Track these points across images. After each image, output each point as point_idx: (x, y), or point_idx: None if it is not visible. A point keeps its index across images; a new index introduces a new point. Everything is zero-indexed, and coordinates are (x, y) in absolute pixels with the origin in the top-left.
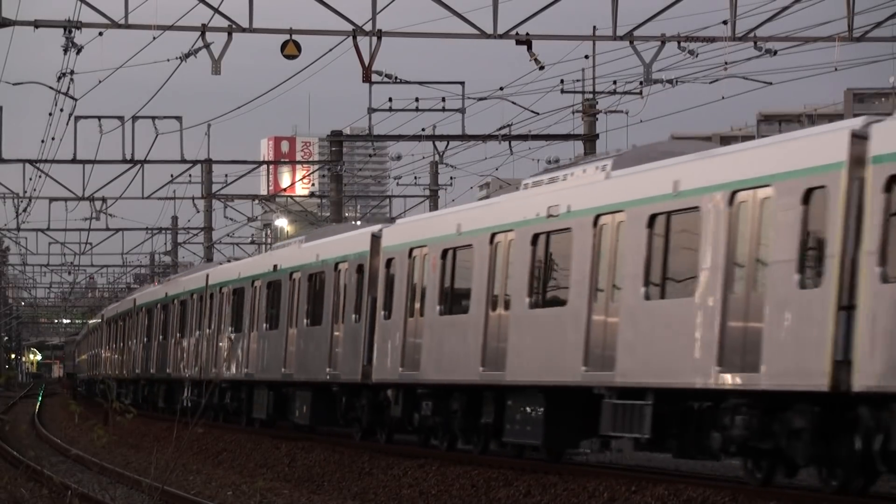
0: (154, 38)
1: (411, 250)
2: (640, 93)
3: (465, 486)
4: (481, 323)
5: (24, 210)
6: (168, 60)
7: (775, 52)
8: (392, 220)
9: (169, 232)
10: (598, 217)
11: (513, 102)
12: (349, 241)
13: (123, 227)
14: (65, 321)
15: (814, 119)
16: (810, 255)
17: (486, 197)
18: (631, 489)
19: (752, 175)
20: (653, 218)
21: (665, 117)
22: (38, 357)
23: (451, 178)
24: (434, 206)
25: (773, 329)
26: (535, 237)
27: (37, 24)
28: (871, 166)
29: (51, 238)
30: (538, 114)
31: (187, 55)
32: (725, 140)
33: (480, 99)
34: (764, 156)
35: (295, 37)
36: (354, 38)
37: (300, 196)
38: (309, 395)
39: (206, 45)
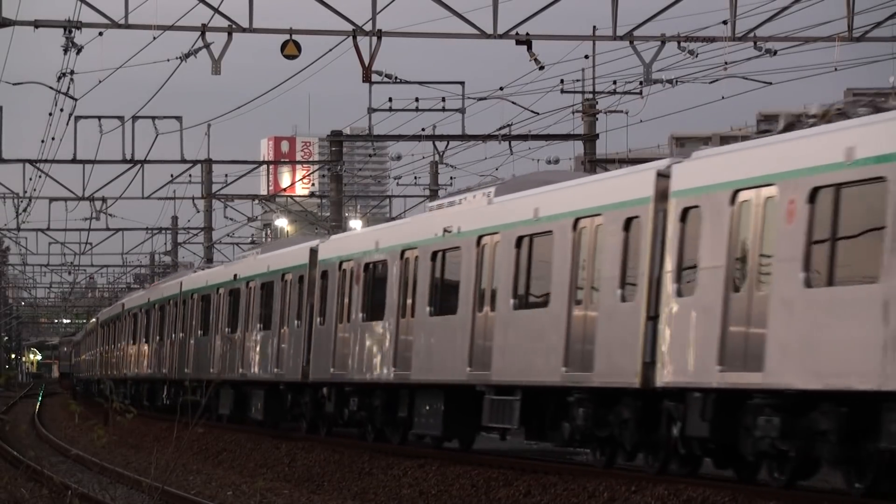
0: (154, 38)
1: (341, 263)
2: (640, 93)
3: (465, 486)
4: (393, 328)
5: (24, 210)
6: (168, 60)
7: (775, 52)
8: (392, 218)
9: (169, 232)
10: (480, 237)
11: (513, 102)
12: (293, 254)
13: (123, 227)
14: (65, 321)
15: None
16: (629, 274)
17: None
18: (631, 489)
19: (588, 205)
20: (519, 239)
21: (665, 117)
22: (38, 357)
23: (451, 178)
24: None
25: (603, 335)
26: (434, 254)
27: (37, 24)
28: (671, 200)
29: (51, 238)
30: (538, 114)
31: (187, 55)
32: (725, 140)
33: (480, 99)
34: (597, 189)
35: (295, 37)
36: (354, 38)
37: (300, 196)
38: (262, 393)
39: (206, 45)
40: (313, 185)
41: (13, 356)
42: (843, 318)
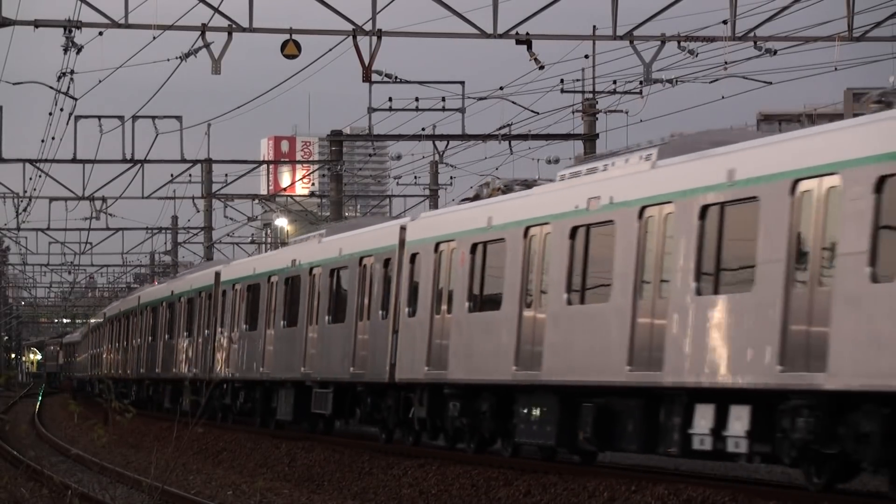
0: (154, 38)
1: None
2: (640, 92)
3: (465, 486)
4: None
5: (24, 210)
6: (168, 60)
7: (775, 52)
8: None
9: (169, 232)
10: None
11: (513, 102)
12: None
13: (123, 227)
14: (65, 321)
15: (814, 119)
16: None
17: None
18: (631, 489)
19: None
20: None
21: (665, 117)
22: (39, 357)
23: (451, 177)
24: (434, 206)
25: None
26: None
27: (37, 24)
28: (405, 247)
29: (51, 238)
30: (538, 113)
31: (187, 55)
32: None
33: (480, 99)
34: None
35: (295, 36)
36: (354, 37)
37: (300, 196)
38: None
39: (206, 45)
40: (313, 184)
41: (13, 356)
42: None
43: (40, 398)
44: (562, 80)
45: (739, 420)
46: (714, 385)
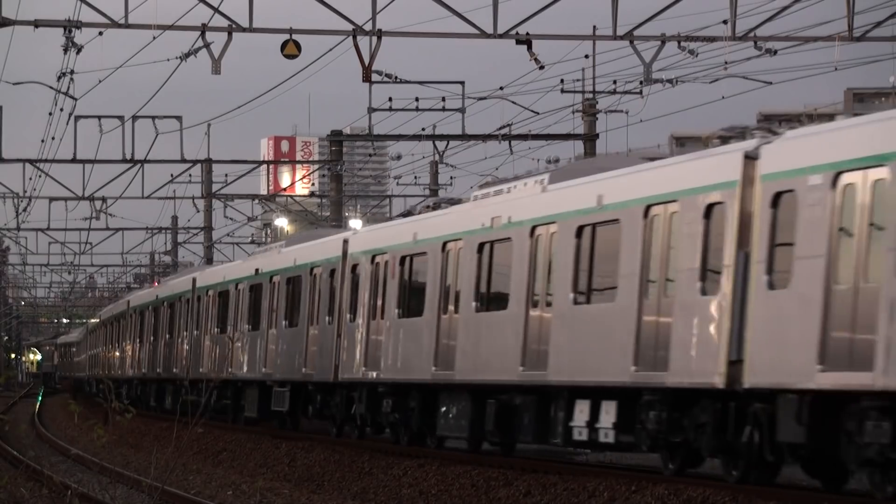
0: (154, 38)
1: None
2: (640, 92)
3: (465, 486)
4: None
5: (24, 210)
6: (168, 60)
7: (775, 52)
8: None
9: (169, 232)
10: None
11: (513, 102)
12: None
13: (123, 227)
14: (65, 321)
15: (814, 119)
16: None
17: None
18: (631, 489)
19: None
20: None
21: (665, 117)
22: (39, 357)
23: (451, 177)
24: (434, 207)
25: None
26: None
27: (37, 24)
28: (348, 258)
29: (51, 238)
30: (538, 113)
31: (187, 55)
32: (726, 140)
33: (480, 99)
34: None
35: (295, 37)
36: (354, 37)
37: (300, 196)
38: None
39: (206, 45)
40: (313, 184)
41: (13, 356)
42: None
43: (40, 398)
44: (562, 80)
45: (608, 414)
46: (587, 383)
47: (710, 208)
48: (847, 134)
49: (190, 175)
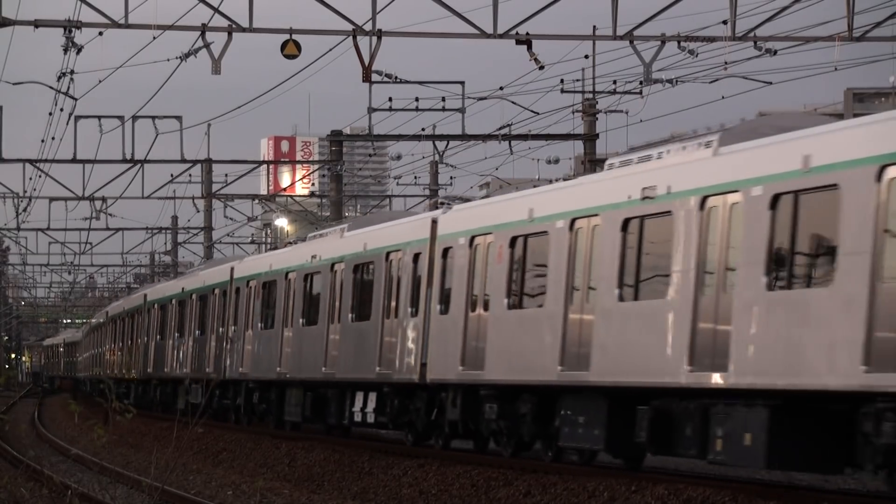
0: (154, 38)
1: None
2: (640, 93)
3: (465, 486)
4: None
5: (24, 210)
6: (168, 60)
7: (775, 52)
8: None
9: (169, 232)
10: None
11: (513, 102)
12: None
13: (123, 227)
14: (65, 321)
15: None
16: None
17: (486, 196)
18: (631, 489)
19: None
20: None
21: (665, 117)
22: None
23: (451, 177)
24: (434, 206)
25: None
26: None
27: (37, 24)
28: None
29: (51, 238)
30: (538, 114)
31: (187, 55)
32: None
33: (480, 99)
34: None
35: (295, 37)
36: (354, 37)
37: (300, 196)
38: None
39: (206, 45)
40: (313, 184)
41: (13, 356)
42: None
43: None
44: (562, 80)
45: (371, 402)
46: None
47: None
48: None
49: (190, 175)
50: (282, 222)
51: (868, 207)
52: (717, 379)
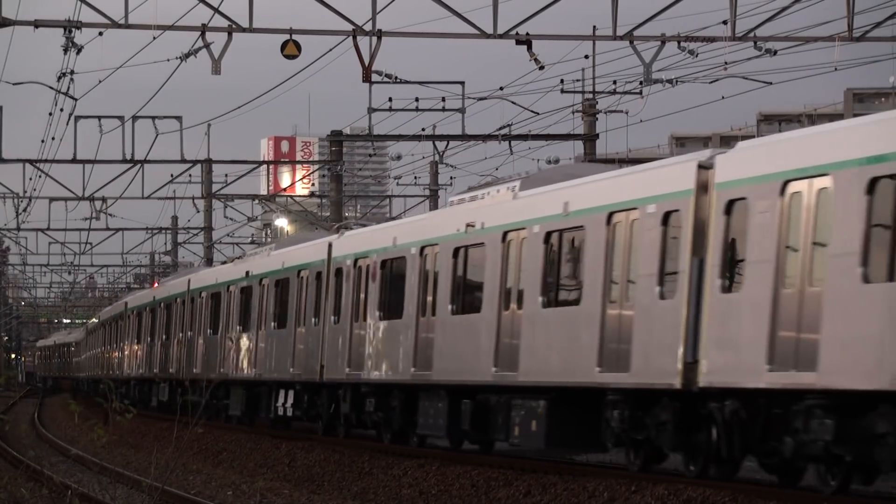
0: (154, 38)
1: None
2: (640, 93)
3: (465, 486)
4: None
5: (24, 210)
6: (168, 60)
7: (775, 52)
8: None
9: (169, 232)
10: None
11: (513, 102)
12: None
13: (123, 227)
14: (65, 321)
15: (814, 119)
16: None
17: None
18: (631, 489)
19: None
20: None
21: (665, 117)
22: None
23: (451, 177)
24: (434, 206)
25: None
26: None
27: (37, 24)
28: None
29: (51, 238)
30: (538, 114)
31: (187, 55)
32: (725, 140)
33: (480, 99)
34: None
35: (295, 37)
36: (354, 38)
37: (300, 196)
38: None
39: (206, 45)
40: (313, 184)
41: (13, 356)
42: None
43: (40, 398)
44: (562, 81)
45: (289, 398)
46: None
47: None
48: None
49: (190, 175)
50: (282, 222)
51: (602, 244)
52: (511, 378)
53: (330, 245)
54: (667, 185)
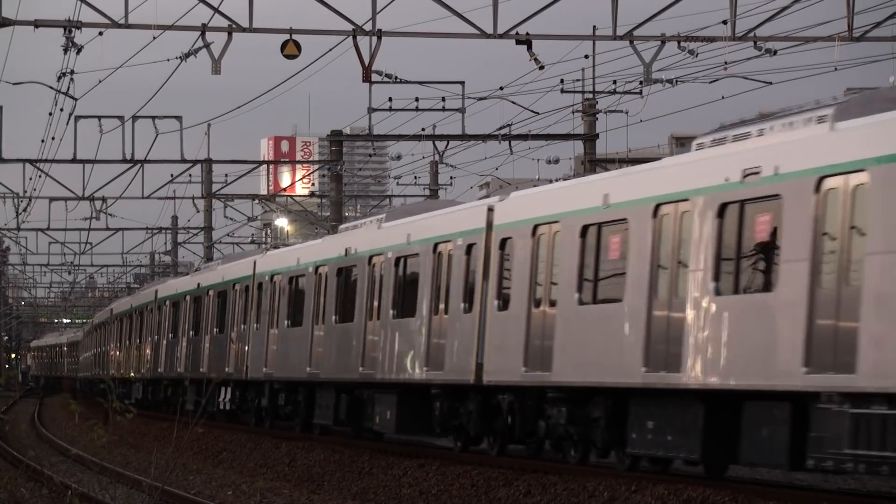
0: (154, 38)
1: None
2: (640, 93)
3: (465, 486)
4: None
5: (24, 210)
6: (168, 60)
7: (775, 52)
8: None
9: (169, 232)
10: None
11: (513, 102)
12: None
13: (123, 227)
14: (65, 321)
15: None
16: None
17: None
18: (631, 489)
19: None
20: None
21: (665, 117)
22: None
23: (451, 177)
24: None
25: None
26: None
27: (37, 24)
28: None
29: (51, 238)
30: (538, 113)
31: (187, 55)
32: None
33: (480, 99)
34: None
35: (295, 37)
36: (354, 37)
37: (300, 196)
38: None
39: (206, 45)
40: (313, 184)
41: (13, 356)
42: None
43: (40, 398)
44: (562, 80)
45: (228, 394)
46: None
47: None
48: None
49: (190, 175)
50: (282, 222)
51: (429, 268)
52: (370, 376)
53: (255, 262)
54: (470, 223)
